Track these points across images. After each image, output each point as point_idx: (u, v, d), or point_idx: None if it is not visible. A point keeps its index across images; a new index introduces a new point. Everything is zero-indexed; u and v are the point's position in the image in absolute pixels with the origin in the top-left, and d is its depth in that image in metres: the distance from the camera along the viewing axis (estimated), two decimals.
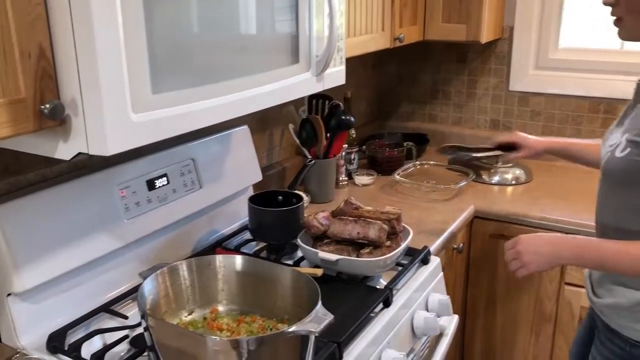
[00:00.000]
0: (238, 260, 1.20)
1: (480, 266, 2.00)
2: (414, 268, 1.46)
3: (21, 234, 1.13)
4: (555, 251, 1.22)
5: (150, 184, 1.38)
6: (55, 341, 1.16)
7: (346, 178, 2.11)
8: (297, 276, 1.15)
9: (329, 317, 0.98)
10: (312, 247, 1.41)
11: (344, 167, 2.10)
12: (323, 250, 1.37)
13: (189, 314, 1.19)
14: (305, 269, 1.36)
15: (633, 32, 1.17)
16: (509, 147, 1.67)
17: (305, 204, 1.83)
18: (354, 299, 1.29)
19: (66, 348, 1.15)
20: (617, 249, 1.15)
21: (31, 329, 1.17)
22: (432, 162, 2.28)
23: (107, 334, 1.20)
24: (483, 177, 2.14)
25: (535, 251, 1.23)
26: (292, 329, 0.96)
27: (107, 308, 1.26)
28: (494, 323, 2.04)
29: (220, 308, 1.21)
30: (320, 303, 1.02)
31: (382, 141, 2.33)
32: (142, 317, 1.02)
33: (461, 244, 1.87)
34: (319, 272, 1.32)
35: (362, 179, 2.12)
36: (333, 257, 1.34)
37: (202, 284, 1.20)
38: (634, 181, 1.15)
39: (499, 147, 1.71)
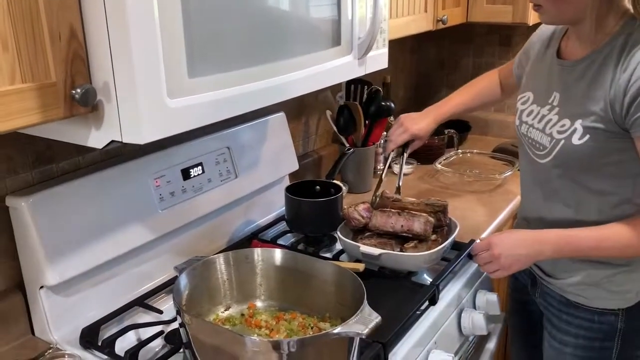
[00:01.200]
0: (277, 254, 1.14)
1: None
2: (460, 263, 1.38)
3: (53, 225, 1.09)
4: (536, 250, 1.19)
5: (185, 173, 1.33)
6: (88, 336, 1.12)
7: (384, 167, 2.03)
8: (340, 272, 1.08)
9: (376, 318, 0.92)
10: (353, 241, 1.34)
11: (382, 155, 2.02)
12: (365, 244, 1.30)
13: (225, 310, 1.14)
14: (346, 263, 1.29)
15: (554, 17, 1.14)
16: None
17: (343, 194, 1.77)
18: (398, 296, 1.22)
19: (100, 344, 1.11)
20: (595, 237, 1.14)
21: (64, 323, 1.14)
22: (475, 151, 2.18)
23: (141, 330, 1.16)
24: None
25: (514, 253, 1.20)
26: (338, 330, 0.89)
27: (141, 302, 1.22)
28: None
29: (259, 304, 1.16)
30: (366, 302, 0.96)
31: None
32: (178, 313, 0.97)
33: None
34: (361, 267, 1.25)
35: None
36: (376, 251, 1.27)
37: (240, 278, 1.14)
38: (594, 166, 1.13)
39: (404, 149, 1.51)
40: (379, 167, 2.01)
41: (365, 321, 0.91)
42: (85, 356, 1.09)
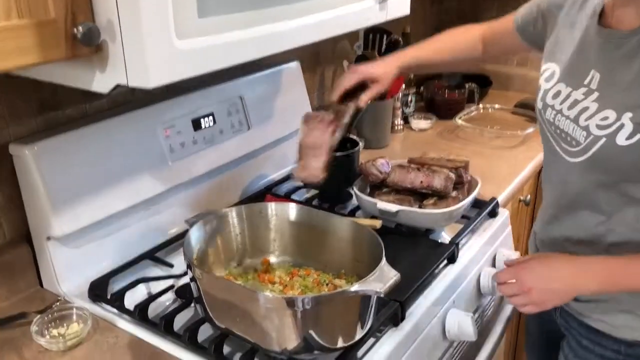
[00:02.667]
0: (292, 209, 1.10)
1: None
2: (480, 221, 1.32)
3: (59, 174, 1.05)
4: (576, 285, 0.96)
5: (196, 124, 1.28)
6: (97, 289, 1.09)
7: (402, 122, 1.97)
8: (356, 228, 1.04)
9: (395, 276, 0.87)
10: (370, 196, 1.29)
11: (400, 110, 1.95)
12: (382, 200, 1.25)
13: (238, 265, 1.10)
14: (362, 220, 1.25)
15: None
16: (357, 89, 1.21)
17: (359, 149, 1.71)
18: (416, 254, 1.18)
19: (109, 297, 1.08)
20: None
21: (72, 276, 1.11)
22: (496, 106, 2.11)
23: (151, 283, 1.13)
24: None
25: (549, 287, 0.96)
26: (355, 287, 0.85)
27: (152, 255, 1.18)
28: None
29: (272, 259, 1.12)
30: (384, 259, 0.91)
31: (441, 82, 2.16)
32: (189, 267, 0.93)
33: (528, 196, 1.72)
34: (378, 223, 1.21)
35: (419, 123, 1.97)
36: (393, 207, 1.22)
37: (253, 233, 1.10)
38: None
39: (346, 97, 1.21)
40: (397, 122, 1.94)
41: (383, 278, 0.87)
42: (94, 309, 1.06)
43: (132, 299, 1.08)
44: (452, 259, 1.19)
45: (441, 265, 1.17)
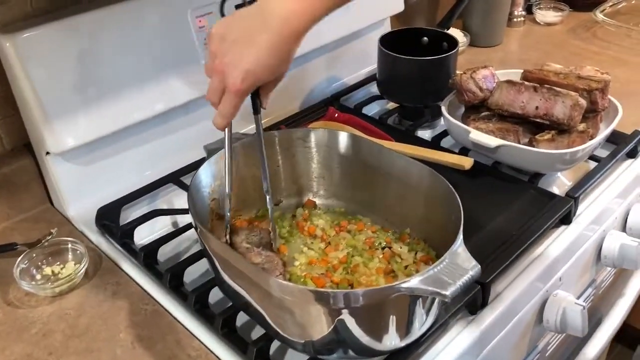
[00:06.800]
0: (343, 139, 0.81)
1: None
2: (614, 165, 0.97)
3: (54, 74, 0.82)
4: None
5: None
6: (106, 218, 0.89)
7: (524, 13, 1.54)
8: (432, 178, 0.73)
9: (472, 269, 0.58)
10: (463, 121, 0.96)
11: None
12: (478, 129, 0.93)
13: (275, 205, 0.85)
14: (446, 154, 0.93)
15: None
16: None
17: (461, 48, 1.35)
18: (516, 209, 0.86)
19: (116, 230, 0.87)
20: None
21: (80, 197, 0.91)
22: None
23: (169, 218, 0.91)
24: None
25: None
26: (408, 284, 0.57)
27: (177, 179, 0.95)
28: None
29: (318, 201, 0.86)
30: (461, 238, 0.62)
31: None
32: (195, 228, 0.69)
33: None
34: (467, 162, 0.89)
35: (546, 15, 1.54)
36: (492, 141, 0.89)
37: (294, 167, 0.84)
38: None
39: None
40: (516, 13, 1.52)
41: (454, 273, 0.58)
42: (101, 243, 0.87)
43: (143, 235, 0.87)
44: (567, 219, 0.87)
45: (550, 228, 0.85)
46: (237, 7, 0.69)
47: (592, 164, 0.95)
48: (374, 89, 1.17)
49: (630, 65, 1.32)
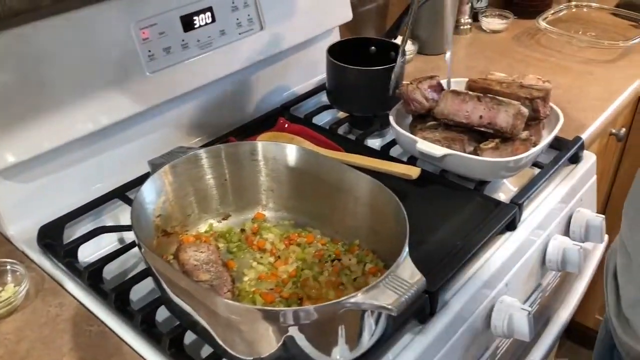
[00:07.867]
0: (292, 152, 0.81)
1: None
2: (557, 170, 0.99)
3: None
4: None
5: (187, 22, 0.97)
6: (48, 237, 0.86)
7: (470, 20, 1.57)
8: (378, 190, 0.74)
9: (417, 283, 0.59)
10: (411, 130, 0.98)
11: (469, 4, 1.55)
12: (425, 138, 0.94)
13: (223, 219, 0.85)
14: (394, 165, 0.94)
15: None
16: None
17: (409, 56, 1.37)
18: (463, 216, 0.88)
19: (58, 250, 0.84)
20: None
21: (21, 216, 0.88)
22: (593, 5, 1.66)
23: (115, 235, 0.89)
24: None
25: None
26: (355, 300, 0.57)
27: (122, 194, 0.93)
28: None
29: (268, 214, 0.85)
30: (406, 252, 0.63)
31: None
32: (138, 246, 0.67)
33: (622, 129, 1.34)
34: (415, 172, 0.90)
35: (491, 23, 1.58)
36: (438, 150, 0.90)
37: (242, 181, 0.83)
38: None
39: None
40: (463, 20, 1.55)
41: (399, 287, 0.59)
42: (43, 263, 0.85)
43: (88, 253, 0.85)
44: (511, 226, 0.89)
45: (496, 235, 0.87)
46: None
47: (536, 170, 0.98)
48: (324, 98, 1.17)
49: (572, 72, 1.36)
